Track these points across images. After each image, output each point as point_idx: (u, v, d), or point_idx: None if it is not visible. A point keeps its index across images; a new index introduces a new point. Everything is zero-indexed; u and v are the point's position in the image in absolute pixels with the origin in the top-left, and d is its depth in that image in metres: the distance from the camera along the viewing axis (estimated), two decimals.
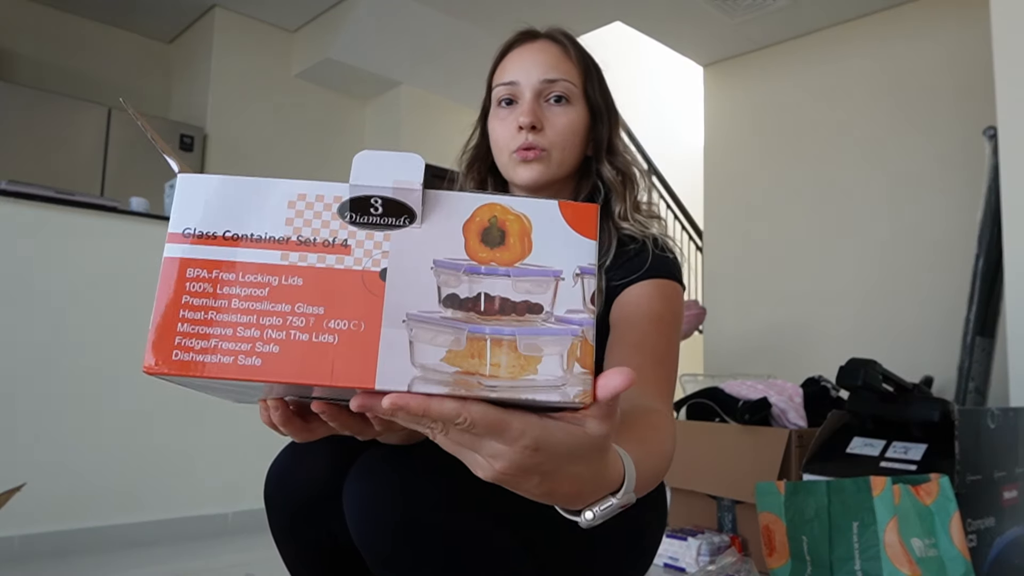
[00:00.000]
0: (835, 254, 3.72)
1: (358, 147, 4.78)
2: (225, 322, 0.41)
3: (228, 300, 0.41)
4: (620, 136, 1.00)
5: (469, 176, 1.01)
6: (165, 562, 2.21)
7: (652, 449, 0.72)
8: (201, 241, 0.42)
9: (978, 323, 2.65)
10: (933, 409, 1.84)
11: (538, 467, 0.45)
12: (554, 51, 0.96)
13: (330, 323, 0.41)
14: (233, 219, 0.43)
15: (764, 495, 1.85)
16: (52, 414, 2.24)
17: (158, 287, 0.41)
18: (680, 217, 5.65)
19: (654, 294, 0.89)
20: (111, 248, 2.40)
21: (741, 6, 3.73)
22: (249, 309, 0.41)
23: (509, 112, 0.95)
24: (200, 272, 0.42)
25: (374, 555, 0.73)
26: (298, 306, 0.42)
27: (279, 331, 0.41)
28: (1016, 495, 1.80)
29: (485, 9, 3.85)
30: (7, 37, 3.99)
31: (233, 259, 0.42)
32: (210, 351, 0.41)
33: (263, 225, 0.43)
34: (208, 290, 0.41)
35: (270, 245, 0.42)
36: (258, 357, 0.41)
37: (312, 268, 0.42)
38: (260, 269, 0.42)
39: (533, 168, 0.93)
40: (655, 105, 5.90)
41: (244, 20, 4.29)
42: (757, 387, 2.35)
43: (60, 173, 3.58)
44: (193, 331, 0.41)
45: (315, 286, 0.42)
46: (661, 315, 0.88)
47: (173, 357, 0.41)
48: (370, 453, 0.76)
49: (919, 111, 3.51)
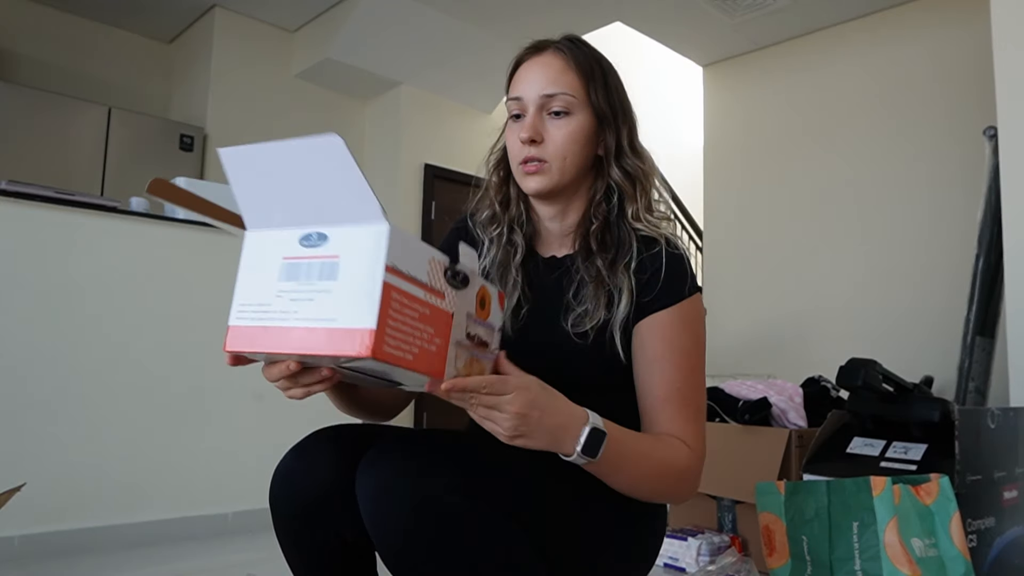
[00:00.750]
0: (835, 254, 3.72)
1: (358, 147, 4.78)
2: (404, 331, 0.65)
3: (404, 317, 0.65)
4: (630, 137, 1.02)
5: (495, 173, 1.08)
6: (165, 562, 2.21)
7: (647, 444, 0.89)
8: (397, 274, 0.65)
9: (978, 323, 2.65)
10: (933, 409, 1.84)
11: (535, 401, 0.76)
12: (556, 64, 0.98)
13: (435, 338, 0.69)
14: (409, 262, 0.66)
15: (764, 495, 1.85)
16: (52, 414, 2.24)
17: (380, 302, 0.62)
18: (680, 217, 5.64)
19: (675, 322, 0.95)
20: (111, 248, 2.40)
21: (741, 6, 3.73)
22: (411, 324, 0.66)
23: (517, 125, 1.00)
24: (397, 296, 0.64)
25: (386, 542, 0.75)
26: (425, 326, 0.67)
27: (419, 340, 0.67)
28: (1016, 495, 1.80)
29: (486, 9, 3.85)
30: (7, 37, 3.99)
31: (409, 291, 0.66)
32: (398, 347, 0.64)
33: (421, 272, 0.67)
34: (399, 307, 0.65)
35: (424, 287, 0.68)
36: (411, 355, 0.66)
37: (430, 304, 0.68)
38: (416, 300, 0.66)
39: (535, 180, 0.98)
40: (655, 105, 5.90)
41: (244, 20, 4.29)
42: (757, 387, 2.35)
43: (60, 173, 3.58)
44: (394, 334, 0.64)
45: (430, 315, 0.68)
46: (686, 349, 0.94)
47: (385, 348, 0.63)
48: (380, 445, 0.79)
49: (919, 110, 3.51)
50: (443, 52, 4.23)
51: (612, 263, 0.97)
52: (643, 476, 0.87)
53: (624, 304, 0.94)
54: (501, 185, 1.07)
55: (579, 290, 0.98)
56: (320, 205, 0.65)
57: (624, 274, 0.96)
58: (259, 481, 1.14)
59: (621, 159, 1.01)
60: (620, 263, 0.96)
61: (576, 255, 1.01)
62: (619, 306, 0.94)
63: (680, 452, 0.90)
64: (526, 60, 1.01)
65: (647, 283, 0.95)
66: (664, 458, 0.89)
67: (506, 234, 1.05)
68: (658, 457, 0.88)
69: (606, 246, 0.98)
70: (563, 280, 1.01)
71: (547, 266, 1.04)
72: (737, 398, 2.33)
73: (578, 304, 0.97)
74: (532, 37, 1.05)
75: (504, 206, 1.07)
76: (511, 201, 1.07)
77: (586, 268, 0.98)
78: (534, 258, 1.06)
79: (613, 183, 1.01)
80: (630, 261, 0.96)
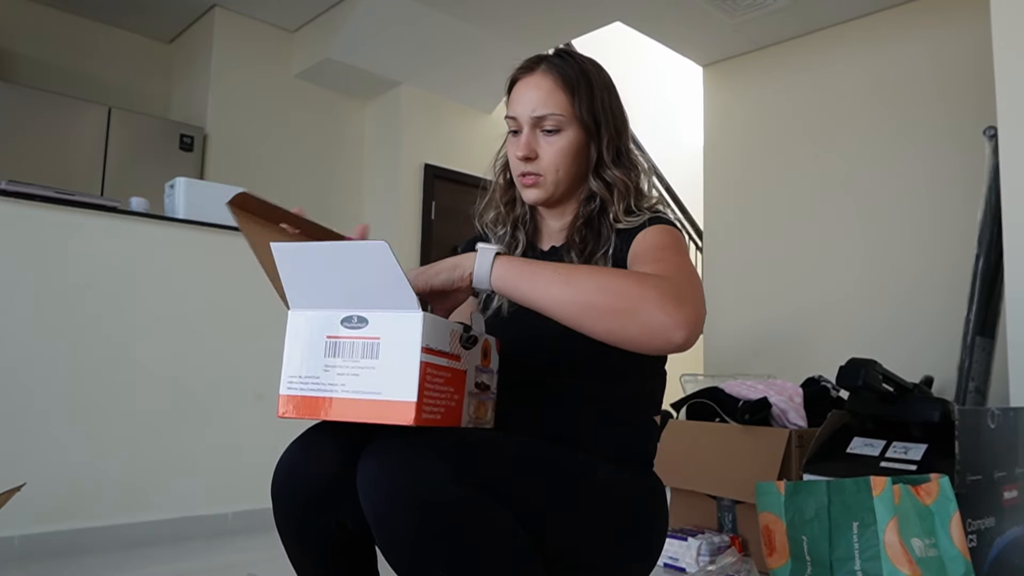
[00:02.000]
0: (835, 254, 3.72)
1: (358, 147, 4.79)
2: (435, 396, 0.76)
3: (435, 385, 0.76)
4: (615, 145, 1.09)
5: (502, 175, 1.18)
6: (165, 562, 2.22)
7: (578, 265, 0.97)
8: (430, 352, 0.76)
9: (978, 323, 2.65)
10: (933, 409, 1.84)
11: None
12: (545, 85, 1.06)
13: (455, 395, 0.80)
14: (437, 339, 0.77)
15: (764, 495, 1.85)
16: (52, 414, 2.24)
17: (419, 378, 0.74)
18: (680, 217, 5.65)
19: (657, 232, 1.02)
20: (111, 248, 2.40)
21: (741, 6, 3.73)
22: (439, 389, 0.77)
23: (515, 141, 1.09)
24: (430, 370, 0.76)
25: (387, 532, 0.75)
26: (448, 387, 0.79)
27: (445, 400, 0.78)
28: (1016, 495, 1.80)
29: (486, 9, 3.85)
30: (7, 37, 3.99)
31: (438, 363, 0.77)
32: (432, 411, 0.76)
33: (445, 344, 0.78)
34: (431, 378, 0.76)
35: (446, 356, 0.79)
36: (439, 415, 0.77)
37: (452, 368, 0.80)
38: (442, 368, 0.78)
39: (533, 192, 1.09)
40: (655, 105, 5.90)
41: (244, 20, 4.29)
42: (757, 387, 2.35)
43: (60, 173, 3.58)
44: (429, 401, 0.75)
45: (451, 377, 0.80)
46: (665, 243, 0.99)
47: (423, 416, 0.74)
48: (381, 438, 0.79)
49: (919, 110, 3.51)
50: (443, 52, 4.23)
51: (590, 254, 1.05)
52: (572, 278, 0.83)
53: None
54: (507, 188, 1.18)
55: None
56: (359, 293, 0.77)
57: (602, 261, 1.04)
58: (259, 481, 1.14)
59: (601, 170, 1.08)
60: (598, 253, 1.05)
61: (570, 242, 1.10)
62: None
63: (643, 276, 0.85)
64: (520, 79, 1.09)
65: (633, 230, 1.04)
66: (611, 273, 0.86)
67: (510, 232, 1.16)
68: (597, 272, 0.86)
69: (586, 241, 1.07)
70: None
71: (544, 256, 1.14)
72: (737, 398, 2.33)
73: None
74: (532, 37, 1.08)
75: (509, 207, 1.18)
76: (516, 202, 1.18)
77: (570, 259, 1.07)
78: (534, 251, 1.16)
79: (594, 191, 1.09)
80: (608, 250, 1.05)
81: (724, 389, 2.41)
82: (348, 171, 4.71)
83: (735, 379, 2.56)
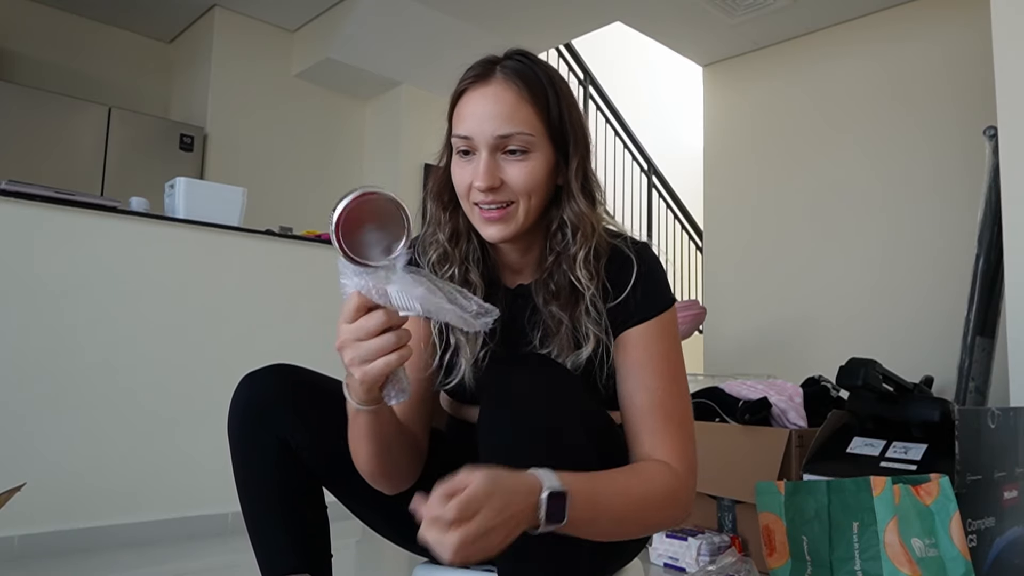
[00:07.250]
0: (835, 254, 3.72)
1: (358, 147, 4.79)
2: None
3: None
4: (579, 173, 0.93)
5: (437, 205, 0.98)
6: (165, 562, 2.21)
7: (622, 481, 0.82)
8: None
9: (978, 323, 2.65)
10: (933, 409, 1.84)
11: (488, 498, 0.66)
12: (508, 98, 0.87)
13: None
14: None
15: (764, 495, 1.85)
16: (52, 414, 2.24)
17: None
18: (680, 217, 5.65)
19: (654, 332, 0.92)
20: (111, 248, 2.40)
21: (741, 6, 3.73)
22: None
23: (467, 163, 0.90)
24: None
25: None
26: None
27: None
28: (1016, 495, 1.80)
29: (486, 9, 3.85)
30: (7, 37, 3.99)
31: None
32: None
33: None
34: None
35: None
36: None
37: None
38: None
39: (497, 228, 0.89)
40: (655, 105, 5.90)
41: (244, 20, 4.29)
42: (757, 387, 2.35)
43: (60, 173, 3.58)
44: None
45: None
46: (665, 355, 0.91)
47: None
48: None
49: (919, 111, 3.51)
50: (443, 52, 4.23)
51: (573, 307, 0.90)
52: (625, 518, 0.82)
53: (590, 346, 0.90)
54: (448, 219, 0.96)
55: (545, 335, 0.93)
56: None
57: (586, 315, 0.90)
58: None
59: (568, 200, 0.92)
60: (580, 305, 0.90)
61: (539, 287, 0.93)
62: (587, 347, 0.90)
63: (660, 478, 0.85)
64: (472, 89, 0.90)
65: (622, 304, 0.91)
66: (645, 491, 0.83)
67: (460, 275, 0.95)
68: (637, 492, 0.82)
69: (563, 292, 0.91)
70: (529, 313, 0.96)
71: (512, 296, 0.97)
72: (737, 398, 2.33)
73: (543, 348, 0.93)
74: (532, 37, 1.02)
75: (454, 242, 0.96)
76: (461, 235, 0.96)
77: (548, 314, 0.91)
78: (497, 288, 0.98)
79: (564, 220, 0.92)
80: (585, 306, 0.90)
81: (724, 389, 2.41)
82: (348, 171, 4.70)
83: (735, 379, 2.56)
